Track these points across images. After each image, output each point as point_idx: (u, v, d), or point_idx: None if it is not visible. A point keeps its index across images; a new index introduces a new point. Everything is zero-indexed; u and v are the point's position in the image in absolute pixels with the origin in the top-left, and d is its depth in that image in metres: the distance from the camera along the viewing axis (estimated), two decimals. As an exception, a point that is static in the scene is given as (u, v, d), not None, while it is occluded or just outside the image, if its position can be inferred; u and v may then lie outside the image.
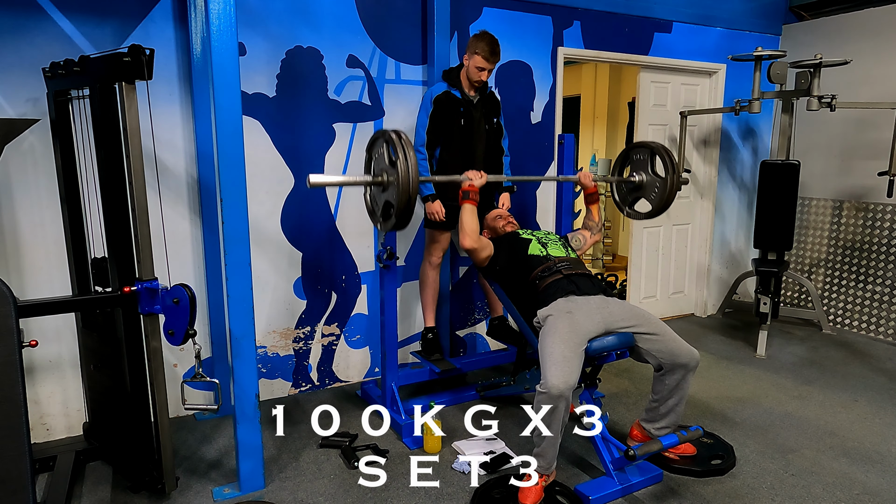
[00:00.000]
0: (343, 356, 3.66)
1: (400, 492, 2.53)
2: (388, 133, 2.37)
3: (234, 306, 2.37)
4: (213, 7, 2.15)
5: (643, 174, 3.18)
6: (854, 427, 3.12)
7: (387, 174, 2.40)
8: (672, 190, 3.05)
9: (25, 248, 2.78)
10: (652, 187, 3.14)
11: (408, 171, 2.28)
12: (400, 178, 2.29)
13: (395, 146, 2.31)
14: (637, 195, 3.26)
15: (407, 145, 2.31)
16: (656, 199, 3.12)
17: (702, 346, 4.34)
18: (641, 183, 3.19)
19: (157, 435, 2.41)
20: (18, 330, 1.80)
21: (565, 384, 2.23)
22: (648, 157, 3.15)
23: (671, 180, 3.02)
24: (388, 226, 2.49)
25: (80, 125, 2.48)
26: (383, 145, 2.42)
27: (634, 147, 3.24)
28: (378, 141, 2.48)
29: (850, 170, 4.64)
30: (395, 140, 2.32)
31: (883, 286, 4.49)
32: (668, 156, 3.03)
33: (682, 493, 2.53)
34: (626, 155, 3.28)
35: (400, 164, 2.28)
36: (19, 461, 1.77)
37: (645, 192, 3.20)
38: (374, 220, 2.65)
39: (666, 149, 3.07)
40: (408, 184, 2.28)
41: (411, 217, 2.41)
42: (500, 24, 3.79)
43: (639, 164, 3.20)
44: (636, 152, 3.22)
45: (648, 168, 3.16)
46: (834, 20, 4.67)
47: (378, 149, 2.47)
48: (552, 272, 2.71)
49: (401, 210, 2.34)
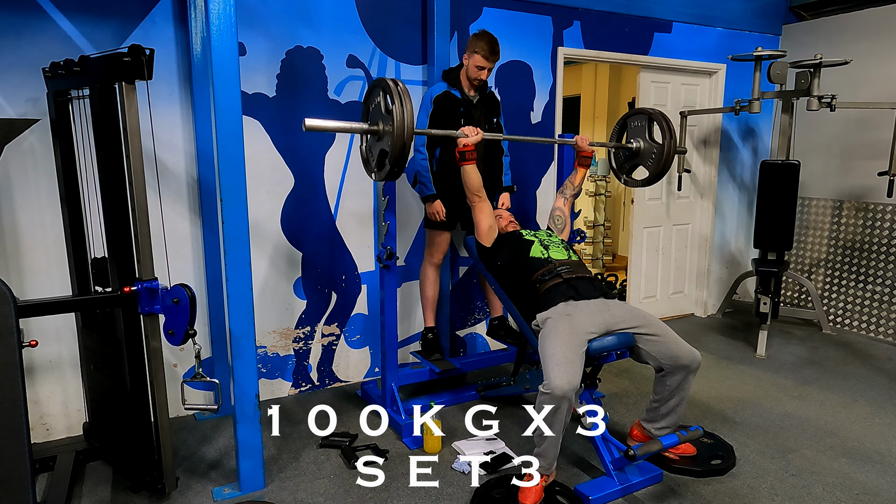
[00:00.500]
0: (343, 356, 3.66)
1: (400, 492, 2.53)
2: (385, 80, 2.36)
3: (234, 306, 2.37)
4: (213, 7, 2.15)
5: (641, 141, 3.18)
6: (854, 427, 3.12)
7: (382, 122, 2.39)
8: (669, 156, 3.04)
9: (25, 248, 2.78)
10: (649, 154, 3.13)
11: (403, 118, 2.27)
12: (395, 126, 2.28)
13: (391, 94, 2.30)
14: (635, 162, 3.26)
15: (404, 93, 2.30)
16: (653, 165, 3.12)
17: (702, 346, 4.34)
18: (639, 150, 3.18)
19: (157, 435, 2.40)
20: (18, 330, 1.79)
21: (569, 385, 2.23)
22: (646, 123, 3.15)
23: (668, 145, 3.02)
24: (381, 174, 2.49)
25: (80, 125, 2.48)
26: (380, 94, 2.40)
27: (632, 114, 3.24)
28: (375, 90, 2.46)
29: (850, 170, 4.64)
30: (392, 87, 2.31)
31: (883, 286, 4.49)
32: (665, 122, 3.03)
33: (682, 493, 2.53)
34: (623, 122, 3.27)
35: (396, 112, 2.27)
36: (19, 461, 1.77)
37: (642, 160, 3.20)
38: (368, 170, 2.63)
39: (663, 114, 3.07)
40: (403, 130, 2.28)
41: (405, 166, 2.42)
42: (500, 24, 3.79)
43: (636, 130, 3.20)
44: (634, 119, 3.22)
45: (646, 135, 3.15)
46: (834, 20, 4.67)
47: (375, 97, 2.46)
48: (553, 276, 2.71)
49: (395, 157, 2.34)
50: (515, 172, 3.75)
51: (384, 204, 2.86)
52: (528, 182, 4.11)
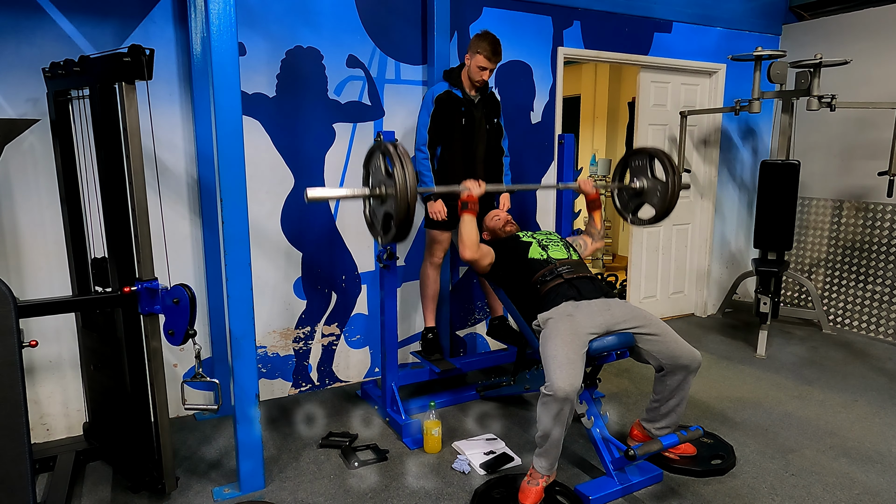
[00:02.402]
0: (343, 356, 3.66)
1: (400, 492, 2.53)
2: (384, 145, 2.34)
3: (234, 306, 2.37)
4: (213, 7, 2.15)
5: (644, 180, 3.15)
6: (854, 427, 3.12)
7: (385, 186, 2.37)
8: (674, 193, 3.01)
9: (25, 248, 2.78)
10: (654, 192, 3.11)
11: (405, 181, 2.24)
12: (398, 189, 2.25)
13: (391, 157, 2.28)
14: (639, 201, 3.23)
15: (404, 156, 2.28)
16: (659, 203, 3.08)
17: (702, 346, 4.34)
18: (643, 189, 3.15)
19: (157, 435, 2.41)
20: (18, 330, 1.79)
21: (571, 386, 2.23)
22: (647, 162, 3.13)
23: (672, 182, 2.99)
24: (388, 238, 2.45)
25: (80, 125, 2.48)
26: (380, 157, 2.39)
27: (633, 153, 3.22)
28: (374, 154, 2.44)
29: (850, 170, 4.64)
30: (392, 151, 2.28)
31: (883, 286, 4.49)
32: (667, 159, 3.01)
33: (682, 493, 2.53)
34: (624, 162, 3.26)
35: (397, 175, 2.25)
36: (19, 461, 1.77)
37: (647, 198, 3.17)
38: (373, 234, 2.60)
39: (664, 153, 3.05)
40: (406, 193, 2.25)
41: (410, 228, 2.38)
42: (500, 24, 3.79)
43: (638, 169, 3.18)
44: (635, 158, 3.20)
45: (648, 173, 3.14)
46: (834, 20, 4.67)
47: (375, 162, 2.44)
48: (553, 276, 2.71)
49: (400, 221, 2.30)
50: (515, 173, 3.75)
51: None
52: (528, 182, 4.10)
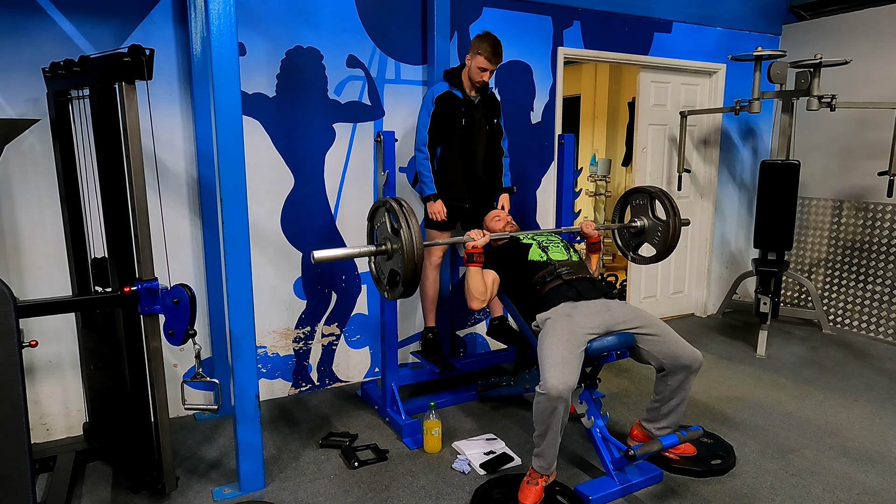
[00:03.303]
0: (343, 356, 3.66)
1: (400, 492, 2.53)
2: (388, 202, 2.34)
3: (234, 306, 2.37)
4: (213, 7, 2.15)
5: (644, 219, 3.20)
6: (854, 427, 3.12)
7: (391, 242, 2.37)
8: (675, 233, 3.07)
9: (25, 248, 2.78)
10: (654, 231, 3.16)
11: (412, 239, 2.25)
12: (405, 247, 2.25)
13: (396, 215, 2.28)
14: (640, 240, 3.28)
15: (409, 213, 2.28)
16: (660, 243, 3.13)
17: (702, 346, 4.34)
18: (643, 228, 3.21)
19: (157, 435, 2.40)
20: (18, 330, 1.79)
21: (564, 385, 2.23)
22: (647, 201, 3.18)
23: (673, 223, 3.05)
24: (395, 294, 2.44)
25: (80, 125, 2.48)
26: (384, 214, 2.39)
27: (632, 192, 3.27)
28: (379, 210, 2.45)
29: (850, 170, 4.64)
30: (397, 209, 2.29)
31: (883, 286, 4.49)
32: (667, 200, 3.07)
33: (682, 493, 2.53)
34: (624, 200, 3.30)
35: (403, 233, 2.25)
36: (19, 461, 1.77)
37: (647, 237, 3.22)
38: (380, 289, 2.58)
39: (664, 192, 3.11)
40: (412, 251, 2.25)
41: (418, 284, 2.38)
42: (500, 24, 3.78)
43: (638, 209, 3.23)
44: (635, 197, 3.24)
45: (649, 212, 3.18)
46: (834, 20, 4.67)
47: (380, 217, 2.45)
48: (553, 277, 2.71)
49: (408, 278, 2.31)
50: (515, 173, 3.75)
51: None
52: (528, 182, 4.11)
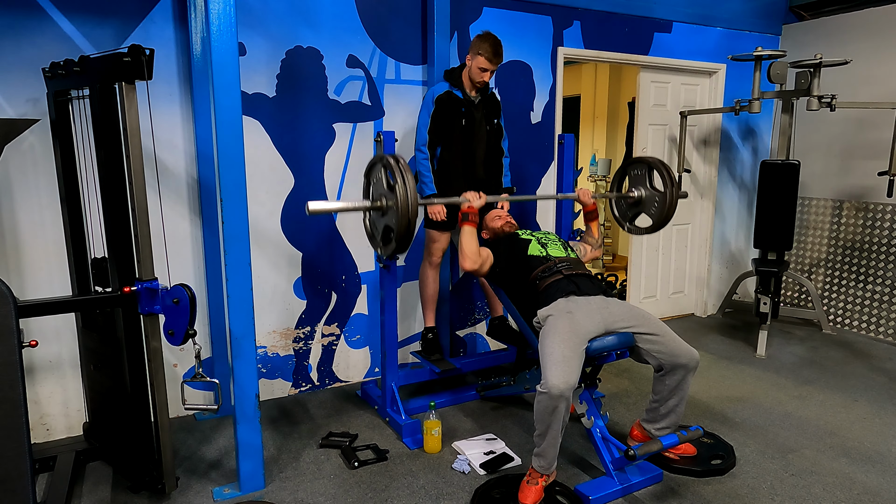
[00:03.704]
0: (343, 356, 3.66)
1: (400, 492, 2.53)
2: (385, 158, 2.35)
3: (234, 306, 2.37)
4: (213, 7, 2.15)
5: (642, 189, 3.20)
6: (854, 427, 3.12)
7: (385, 199, 2.39)
8: (672, 204, 3.06)
9: (25, 248, 2.78)
10: (651, 202, 3.16)
11: (406, 195, 2.26)
12: (399, 203, 2.27)
13: (392, 171, 2.30)
14: (637, 210, 3.28)
15: (405, 169, 2.29)
16: (656, 214, 3.14)
17: (702, 346, 4.34)
18: (640, 198, 3.20)
19: (157, 435, 2.40)
20: (18, 330, 1.80)
21: (566, 384, 2.23)
22: (646, 172, 3.17)
23: (670, 194, 3.04)
24: (388, 250, 2.47)
25: (80, 125, 2.48)
26: (381, 170, 2.40)
27: (632, 163, 3.26)
28: (376, 166, 2.46)
29: (850, 170, 4.64)
30: (393, 165, 2.30)
31: (883, 286, 4.49)
32: (665, 170, 3.05)
33: (682, 493, 2.53)
34: (623, 171, 3.29)
35: (398, 189, 2.26)
36: (19, 461, 1.77)
37: (644, 208, 3.21)
38: (374, 245, 2.62)
39: (663, 163, 3.09)
40: (407, 207, 2.27)
41: (411, 241, 2.39)
42: (500, 24, 3.79)
43: (637, 179, 3.22)
44: (634, 168, 3.24)
45: (647, 183, 3.18)
46: (834, 20, 4.67)
47: (376, 173, 2.46)
48: (552, 272, 2.71)
49: (401, 234, 2.32)
50: (515, 173, 3.75)
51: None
52: (528, 182, 4.11)
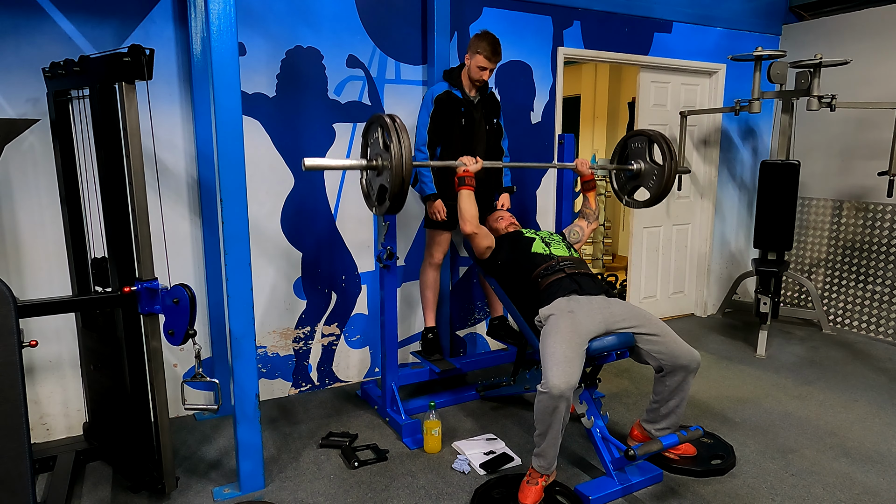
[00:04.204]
0: (343, 356, 3.66)
1: (400, 492, 2.53)
2: (382, 117, 2.38)
3: (234, 306, 2.37)
4: (213, 7, 2.15)
5: (641, 162, 3.19)
6: (854, 427, 3.12)
7: (381, 158, 2.42)
8: (670, 177, 3.06)
9: (25, 248, 2.78)
10: (650, 175, 3.15)
11: (401, 155, 2.30)
12: (393, 162, 2.31)
13: (388, 130, 2.33)
14: (636, 184, 3.27)
15: (401, 129, 2.33)
16: (654, 187, 3.13)
17: (702, 346, 4.34)
18: (640, 171, 3.20)
19: (157, 435, 2.40)
20: (18, 330, 1.79)
21: (567, 384, 2.23)
22: (646, 144, 3.16)
23: (669, 167, 3.03)
24: (382, 209, 2.51)
25: (80, 125, 2.48)
26: (378, 130, 2.43)
27: (632, 135, 3.26)
28: (373, 125, 2.49)
29: (850, 170, 4.64)
30: (389, 124, 2.33)
31: (883, 286, 4.49)
32: (665, 143, 3.04)
33: (682, 493, 2.53)
34: (624, 144, 3.29)
35: (393, 148, 2.30)
36: (19, 461, 1.77)
37: (643, 181, 3.21)
38: (369, 204, 2.66)
39: (663, 136, 3.08)
40: (401, 167, 2.31)
41: (404, 201, 2.44)
42: (501, 24, 3.79)
43: (637, 152, 3.21)
44: (634, 140, 3.23)
45: (646, 156, 3.17)
46: (834, 20, 4.67)
47: (373, 133, 2.49)
48: (555, 271, 2.71)
49: (395, 193, 2.37)
50: (515, 172, 3.75)
51: (384, 204, 2.87)
52: (528, 182, 4.11)
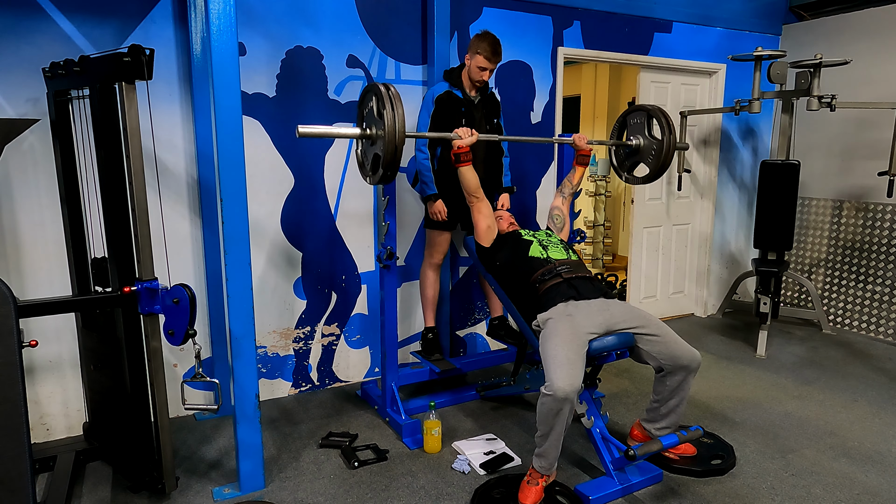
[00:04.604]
0: (343, 356, 3.66)
1: (400, 492, 2.53)
2: (377, 86, 2.38)
3: (234, 306, 2.37)
4: (213, 7, 2.15)
5: (640, 138, 3.18)
6: (854, 427, 3.12)
7: (375, 127, 2.42)
8: (669, 152, 3.05)
9: (25, 248, 2.78)
10: (649, 151, 3.13)
11: (394, 123, 2.30)
12: (387, 130, 2.31)
13: (382, 99, 2.32)
14: (635, 160, 3.26)
15: (395, 98, 2.33)
16: (653, 162, 3.12)
17: (702, 346, 4.34)
18: (639, 147, 3.19)
19: (157, 435, 2.40)
20: (18, 330, 1.79)
21: (571, 387, 2.23)
22: (645, 120, 3.15)
23: (668, 142, 3.02)
24: (376, 178, 2.52)
25: (80, 125, 2.48)
26: (373, 98, 2.43)
27: (631, 111, 3.24)
28: (368, 94, 2.48)
29: (850, 170, 4.64)
30: (384, 93, 2.33)
31: (883, 286, 4.49)
32: (664, 118, 3.03)
33: (682, 493, 2.53)
34: (623, 120, 3.28)
35: (387, 115, 2.30)
36: (19, 461, 1.77)
37: (643, 157, 3.20)
38: (363, 174, 2.66)
39: (662, 110, 3.07)
40: (394, 135, 2.31)
41: (397, 171, 2.46)
42: (501, 24, 3.78)
43: (636, 127, 3.20)
44: (633, 116, 3.22)
45: (646, 131, 3.16)
46: (834, 20, 4.67)
47: (368, 102, 2.48)
48: (552, 275, 2.71)
49: (388, 162, 2.37)
50: (515, 173, 3.75)
51: (384, 204, 2.86)
52: (528, 182, 4.11)
